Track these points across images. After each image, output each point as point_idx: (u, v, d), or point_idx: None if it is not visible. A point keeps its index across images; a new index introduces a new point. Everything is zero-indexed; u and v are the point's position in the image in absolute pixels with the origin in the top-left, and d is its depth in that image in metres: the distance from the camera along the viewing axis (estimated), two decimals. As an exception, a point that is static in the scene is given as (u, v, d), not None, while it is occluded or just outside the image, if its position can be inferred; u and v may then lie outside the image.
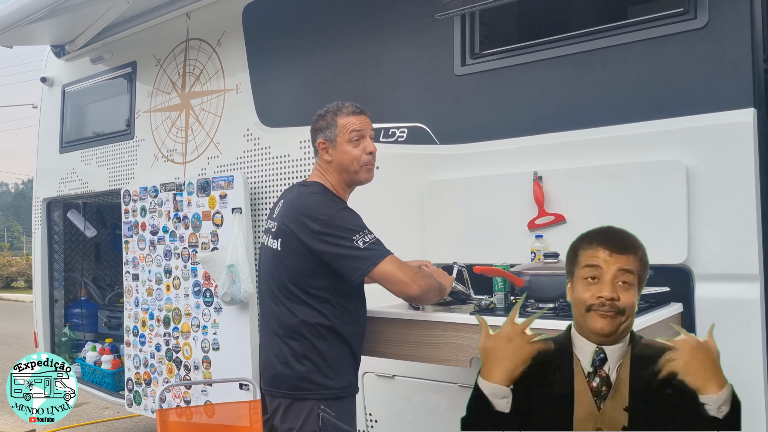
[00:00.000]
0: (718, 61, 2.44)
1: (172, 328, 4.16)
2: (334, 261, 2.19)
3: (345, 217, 2.23)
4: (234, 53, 4.05)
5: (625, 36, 2.64)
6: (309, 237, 2.20)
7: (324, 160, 2.38)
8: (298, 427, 2.24)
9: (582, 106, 2.74)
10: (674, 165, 2.45)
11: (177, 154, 4.39)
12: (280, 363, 2.28)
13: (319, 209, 2.23)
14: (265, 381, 2.39)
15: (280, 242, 2.29)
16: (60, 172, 5.38)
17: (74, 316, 5.61)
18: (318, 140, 2.39)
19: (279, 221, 2.32)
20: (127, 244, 4.51)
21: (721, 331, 2.36)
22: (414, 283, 2.19)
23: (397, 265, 2.20)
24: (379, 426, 3.27)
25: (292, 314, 2.25)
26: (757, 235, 2.33)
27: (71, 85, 5.39)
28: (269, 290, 2.35)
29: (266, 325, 2.40)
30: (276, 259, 2.30)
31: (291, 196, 2.38)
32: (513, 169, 2.83)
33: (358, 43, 3.47)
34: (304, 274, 2.23)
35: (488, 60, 3.01)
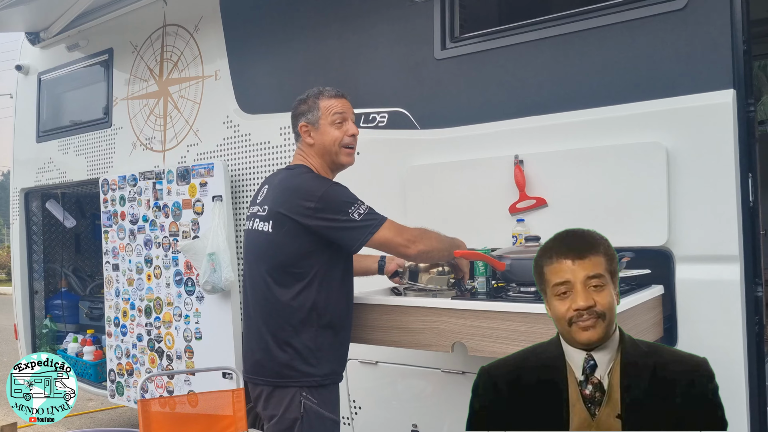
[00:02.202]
0: (697, 42, 2.43)
1: (154, 318, 4.12)
2: (331, 234, 2.20)
3: (337, 191, 2.24)
4: (212, 39, 3.99)
5: (605, 18, 2.62)
6: (304, 216, 2.19)
7: (306, 143, 2.37)
8: (280, 414, 2.24)
9: (562, 89, 2.72)
10: (654, 147, 2.44)
11: (156, 142, 4.33)
12: (263, 350, 2.27)
13: (310, 188, 2.23)
14: (248, 369, 2.38)
15: (272, 224, 2.27)
16: (37, 162, 5.30)
17: (55, 307, 5.56)
18: (300, 124, 2.37)
19: (269, 204, 2.30)
20: (107, 234, 4.46)
21: (701, 312, 2.39)
22: (411, 244, 2.24)
23: (395, 230, 2.23)
24: (362, 412, 3.27)
25: (278, 299, 2.24)
26: (737, 216, 2.34)
27: (47, 73, 5.30)
28: (256, 275, 2.33)
29: (250, 313, 2.38)
30: (267, 242, 2.28)
31: (278, 180, 2.37)
32: (494, 153, 2.82)
33: (338, 27, 3.43)
34: (296, 256, 2.23)
35: (468, 44, 2.99)
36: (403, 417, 3.11)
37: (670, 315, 2.46)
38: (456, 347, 2.32)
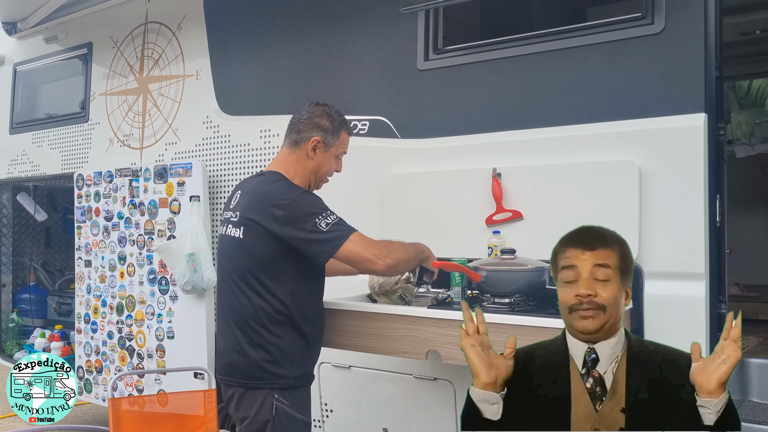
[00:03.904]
0: (672, 66, 2.52)
1: (126, 316, 4.10)
2: (298, 245, 2.21)
3: (307, 200, 2.25)
4: (194, 39, 3.99)
5: (585, 38, 2.70)
6: (273, 223, 2.20)
7: (306, 155, 2.37)
8: (252, 416, 2.26)
9: (541, 105, 2.79)
10: (627, 165, 2.52)
11: (133, 139, 4.31)
12: (235, 352, 2.29)
13: (281, 195, 2.24)
14: (220, 370, 2.40)
15: (243, 231, 2.28)
16: (9, 154, 5.23)
17: (22, 301, 5.48)
18: (315, 137, 2.36)
19: (241, 211, 2.32)
20: (80, 230, 4.42)
21: (667, 327, 2.47)
22: (379, 259, 2.21)
23: (362, 243, 2.21)
24: (334, 416, 3.29)
25: (250, 303, 2.26)
26: (704, 235, 2.42)
27: (23, 64, 5.23)
28: (229, 279, 2.35)
29: (223, 314, 2.40)
30: (239, 248, 2.30)
31: (251, 186, 2.38)
32: (472, 164, 2.87)
33: (322, 33, 3.46)
34: (267, 260, 2.24)
35: (451, 56, 3.04)
36: (373, 421, 3.14)
37: (637, 328, 2.54)
38: (430, 355, 2.36)
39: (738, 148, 5.27)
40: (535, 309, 2.42)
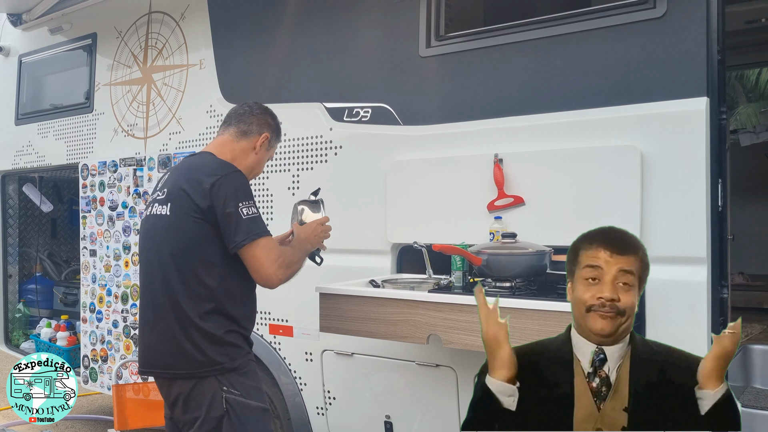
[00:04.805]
0: (674, 50, 2.51)
1: (131, 305, 4.12)
2: (218, 219, 2.17)
3: (238, 178, 2.24)
4: (198, 28, 4.00)
5: (587, 23, 2.68)
6: (200, 195, 2.17)
7: (252, 147, 2.41)
8: (204, 415, 2.18)
9: (542, 91, 2.78)
10: (629, 150, 2.51)
11: (138, 129, 4.32)
12: (171, 343, 2.21)
13: (214, 168, 2.25)
14: (154, 364, 2.29)
15: (170, 207, 2.24)
16: (15, 145, 5.25)
17: (29, 292, 5.51)
18: (266, 133, 2.44)
19: (169, 186, 2.29)
20: (85, 220, 4.44)
21: (669, 312, 2.46)
22: (275, 275, 2.20)
23: (266, 251, 2.18)
24: (337, 403, 3.31)
25: (180, 289, 2.19)
26: (706, 220, 2.41)
27: (28, 56, 5.24)
28: (155, 264, 2.28)
29: (150, 305, 2.31)
30: (167, 228, 2.25)
31: (185, 165, 2.38)
32: (474, 151, 2.87)
33: (325, 21, 3.46)
34: (194, 240, 2.19)
35: (453, 42, 3.03)
36: (376, 408, 3.16)
37: (640, 314, 2.52)
38: (431, 339, 2.37)
39: (743, 136, 5.25)
40: (536, 293, 2.43)
